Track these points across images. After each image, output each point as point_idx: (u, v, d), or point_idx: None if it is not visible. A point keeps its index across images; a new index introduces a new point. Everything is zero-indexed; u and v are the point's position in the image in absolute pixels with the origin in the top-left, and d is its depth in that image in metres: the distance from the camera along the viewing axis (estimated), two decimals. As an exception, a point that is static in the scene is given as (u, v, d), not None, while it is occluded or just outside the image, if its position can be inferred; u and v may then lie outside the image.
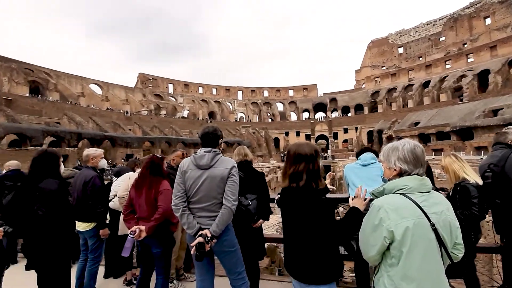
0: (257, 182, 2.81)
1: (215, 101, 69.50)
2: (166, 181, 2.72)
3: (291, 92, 75.36)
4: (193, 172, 2.13)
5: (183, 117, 61.57)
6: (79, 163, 19.10)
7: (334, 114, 66.69)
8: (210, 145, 2.23)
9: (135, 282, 3.43)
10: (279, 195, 3.16)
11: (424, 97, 51.04)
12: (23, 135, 24.51)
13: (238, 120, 68.52)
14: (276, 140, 60.47)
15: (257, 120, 67.81)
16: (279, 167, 31.00)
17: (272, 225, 8.53)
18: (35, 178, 2.31)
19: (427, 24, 61.54)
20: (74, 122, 34.42)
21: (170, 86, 66.44)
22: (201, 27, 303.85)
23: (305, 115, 71.30)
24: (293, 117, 71.81)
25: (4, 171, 4.35)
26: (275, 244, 7.39)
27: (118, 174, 3.77)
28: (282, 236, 4.37)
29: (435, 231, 1.23)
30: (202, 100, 67.84)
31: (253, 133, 51.22)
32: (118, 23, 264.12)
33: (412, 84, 55.63)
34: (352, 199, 1.73)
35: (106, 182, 3.65)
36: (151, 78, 62.65)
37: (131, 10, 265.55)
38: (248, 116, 70.08)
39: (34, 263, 2.34)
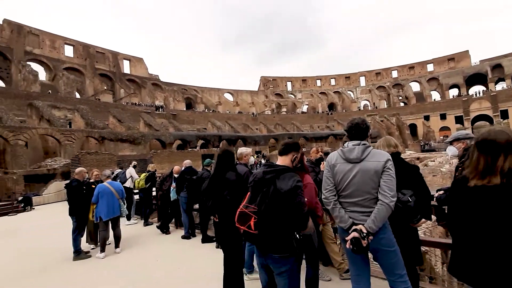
0: (411, 177, 2.44)
1: (334, 92, 66.97)
2: (309, 175, 2.79)
3: (430, 67, 62.15)
4: (342, 166, 2.07)
5: (303, 112, 62.93)
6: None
7: (500, 86, 50.06)
8: (359, 138, 2.11)
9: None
10: (441, 192, 2.62)
11: None
12: (184, 140, 32.11)
13: (362, 108, 63.09)
14: (412, 127, 51.46)
15: (386, 106, 60.15)
16: (418, 158, 26.27)
17: (419, 228, 7.31)
18: (222, 171, 2.93)
19: None
20: (215, 127, 41.98)
21: (289, 84, 69.25)
22: (314, 18, 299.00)
23: (453, 92, 57.05)
24: (435, 96, 59.03)
25: (183, 168, 5.85)
26: (424, 249, 6.32)
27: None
28: (438, 240, 3.64)
29: None
30: (320, 93, 66.97)
31: (381, 121, 45.63)
32: (243, 33, 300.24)
33: None
34: None
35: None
36: (271, 79, 67.57)
37: (251, 20, 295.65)
38: (374, 103, 63.28)
39: (223, 239, 2.94)
